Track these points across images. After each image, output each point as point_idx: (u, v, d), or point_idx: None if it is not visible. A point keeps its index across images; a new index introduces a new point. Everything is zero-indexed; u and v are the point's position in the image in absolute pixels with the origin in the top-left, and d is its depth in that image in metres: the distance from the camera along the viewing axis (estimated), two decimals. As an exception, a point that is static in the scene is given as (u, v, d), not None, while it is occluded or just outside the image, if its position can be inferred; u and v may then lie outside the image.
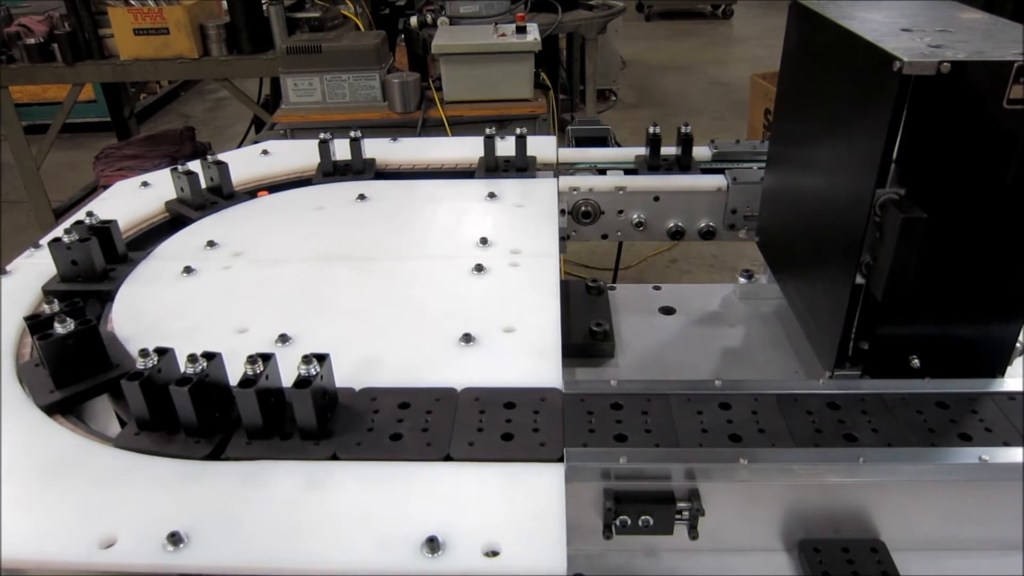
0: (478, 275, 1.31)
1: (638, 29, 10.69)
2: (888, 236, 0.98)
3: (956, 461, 0.94)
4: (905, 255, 0.97)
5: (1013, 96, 0.94)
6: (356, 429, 0.95)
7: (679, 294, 1.59)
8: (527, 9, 4.46)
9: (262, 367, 0.93)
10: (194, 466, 0.91)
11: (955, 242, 1.04)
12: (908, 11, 1.20)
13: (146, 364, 0.94)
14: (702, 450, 0.96)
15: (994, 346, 1.12)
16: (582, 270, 4.18)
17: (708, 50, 9.74)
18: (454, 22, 4.05)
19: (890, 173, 1.01)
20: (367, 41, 3.46)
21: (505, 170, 1.70)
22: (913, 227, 0.95)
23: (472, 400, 1.01)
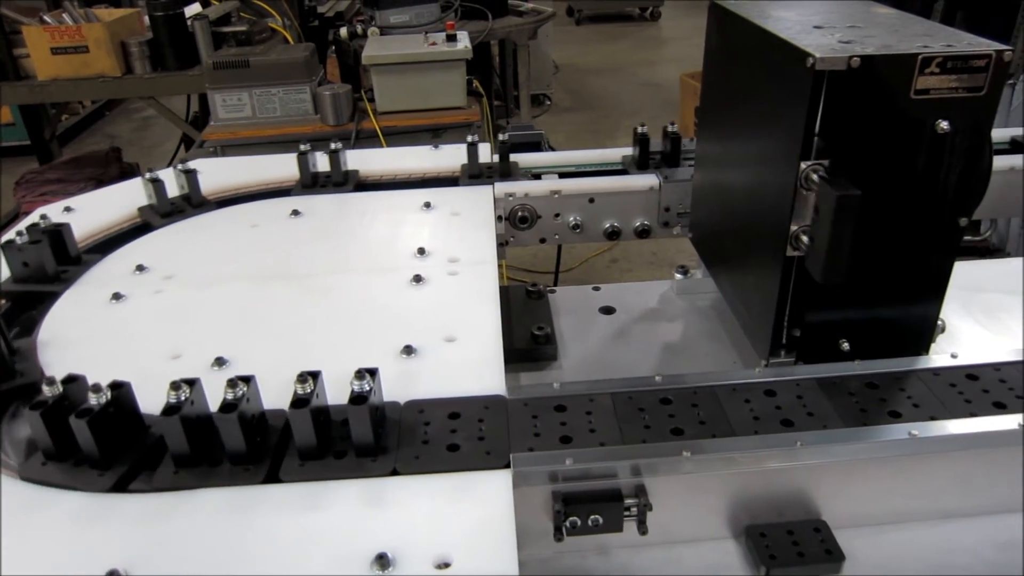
0: (417, 286, 1.30)
1: (569, 33, 10.80)
2: (823, 215, 1.00)
3: (887, 438, 0.98)
4: (841, 232, 0.98)
5: (919, 87, 0.98)
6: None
7: (618, 293, 1.61)
8: (457, 17, 4.47)
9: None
10: (100, 499, 0.89)
11: (875, 227, 1.08)
12: (820, 9, 1.25)
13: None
14: (646, 446, 0.97)
15: (917, 325, 1.17)
16: (525, 274, 4.20)
17: (638, 52, 9.90)
18: (384, 32, 4.04)
19: (814, 147, 1.04)
20: (296, 54, 3.42)
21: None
22: (847, 203, 0.97)
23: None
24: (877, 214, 1.06)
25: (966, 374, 1.08)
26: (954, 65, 0.97)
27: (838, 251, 0.99)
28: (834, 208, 0.96)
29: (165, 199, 1.61)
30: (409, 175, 1.80)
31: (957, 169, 1.04)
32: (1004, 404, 1.03)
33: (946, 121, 1.00)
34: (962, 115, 1.00)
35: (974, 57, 0.97)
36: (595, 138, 6.59)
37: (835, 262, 1.00)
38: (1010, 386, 1.06)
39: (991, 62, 0.98)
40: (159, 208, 1.61)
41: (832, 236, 0.98)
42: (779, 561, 0.96)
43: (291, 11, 4.27)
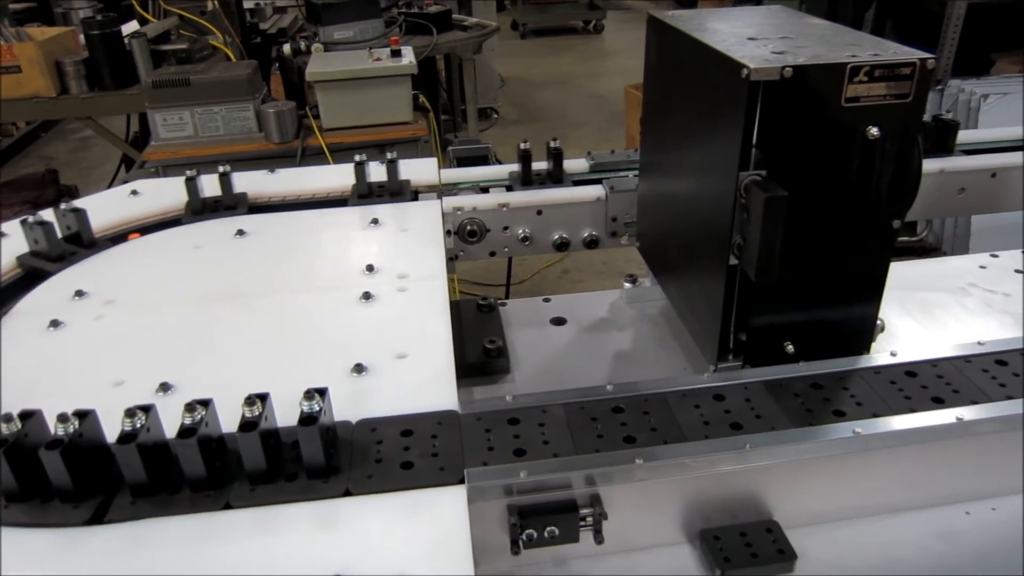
0: (366, 303, 1.29)
1: (514, 47, 10.87)
2: (754, 216, 1.03)
3: (833, 437, 1.00)
4: (771, 231, 1.01)
5: (849, 95, 1.01)
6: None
7: (569, 304, 1.62)
8: (402, 32, 4.47)
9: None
10: (74, 533, 0.86)
11: (813, 230, 1.11)
12: (753, 21, 1.28)
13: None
14: (599, 455, 0.98)
15: (857, 326, 1.20)
16: (476, 288, 4.20)
17: (583, 64, 10.01)
18: (328, 48, 4.01)
19: (752, 158, 1.07)
20: (238, 71, 3.37)
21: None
22: (775, 204, 1.00)
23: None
24: (814, 219, 1.09)
25: (905, 371, 1.12)
26: (881, 73, 1.01)
27: (770, 250, 1.02)
28: (763, 208, 0.99)
29: (89, 229, 1.55)
30: (312, 195, 1.77)
31: (888, 173, 1.08)
32: (942, 399, 1.06)
33: (876, 127, 1.03)
34: (891, 121, 1.04)
35: (899, 65, 1.01)
36: (543, 150, 6.61)
37: (768, 261, 1.03)
38: (947, 381, 1.10)
39: (915, 70, 1.01)
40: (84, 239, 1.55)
41: (763, 235, 1.01)
42: (733, 563, 0.98)
43: (232, 28, 4.21)
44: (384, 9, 4.70)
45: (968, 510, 1.09)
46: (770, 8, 1.42)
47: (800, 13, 1.37)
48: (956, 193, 1.86)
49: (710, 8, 1.42)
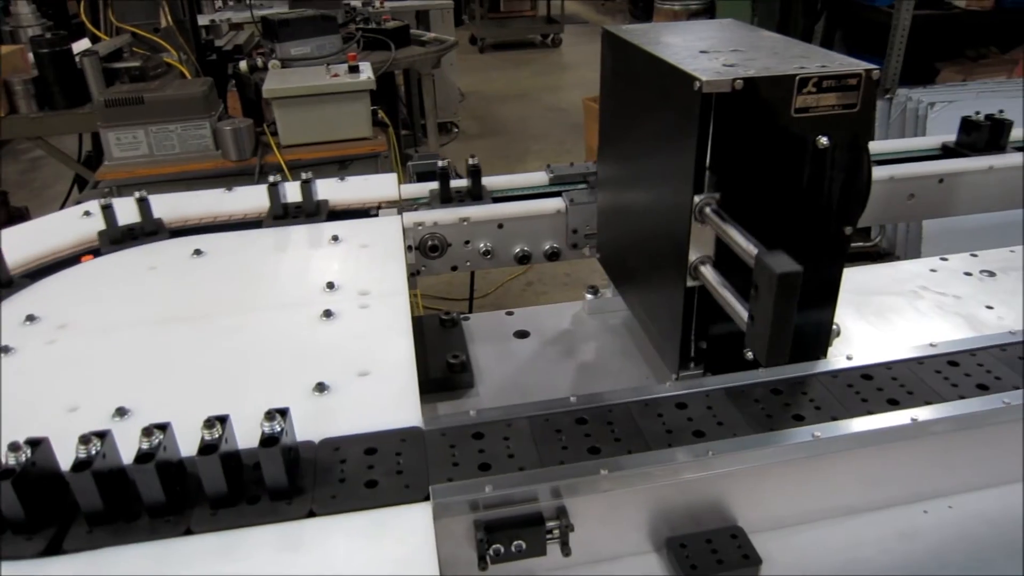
0: (327, 321, 1.28)
1: (473, 61, 10.93)
2: (763, 295, 0.92)
3: (793, 441, 1.01)
4: (784, 311, 0.90)
5: (799, 105, 1.04)
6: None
7: (531, 317, 1.63)
8: (359, 48, 4.46)
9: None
10: (29, 566, 0.83)
11: (767, 238, 1.12)
12: (705, 34, 1.30)
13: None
14: (564, 467, 0.98)
15: (814, 331, 1.23)
16: (440, 303, 4.19)
17: (542, 77, 10.09)
18: (286, 65, 3.99)
19: (706, 180, 1.09)
20: (193, 89, 3.33)
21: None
22: (790, 282, 0.89)
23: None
24: (768, 227, 1.11)
25: (861, 374, 1.14)
26: (829, 84, 1.03)
27: (783, 331, 0.91)
28: (776, 287, 0.89)
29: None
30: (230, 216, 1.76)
31: (839, 181, 1.10)
32: (897, 401, 1.08)
33: (825, 136, 1.06)
34: (840, 130, 1.06)
35: (846, 76, 1.03)
36: (505, 163, 6.66)
37: (780, 343, 0.92)
38: (901, 383, 1.12)
39: (862, 80, 1.04)
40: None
41: (775, 316, 0.90)
42: (700, 570, 0.98)
43: (187, 45, 4.16)
44: (341, 25, 4.70)
45: (926, 509, 1.12)
46: (721, 22, 1.45)
47: (751, 27, 1.40)
48: (906, 199, 1.91)
49: (664, 22, 1.45)
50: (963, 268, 1.78)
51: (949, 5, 5.17)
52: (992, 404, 1.07)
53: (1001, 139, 1.97)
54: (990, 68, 5.55)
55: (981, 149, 1.97)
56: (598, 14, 14.80)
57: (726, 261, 1.11)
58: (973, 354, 1.18)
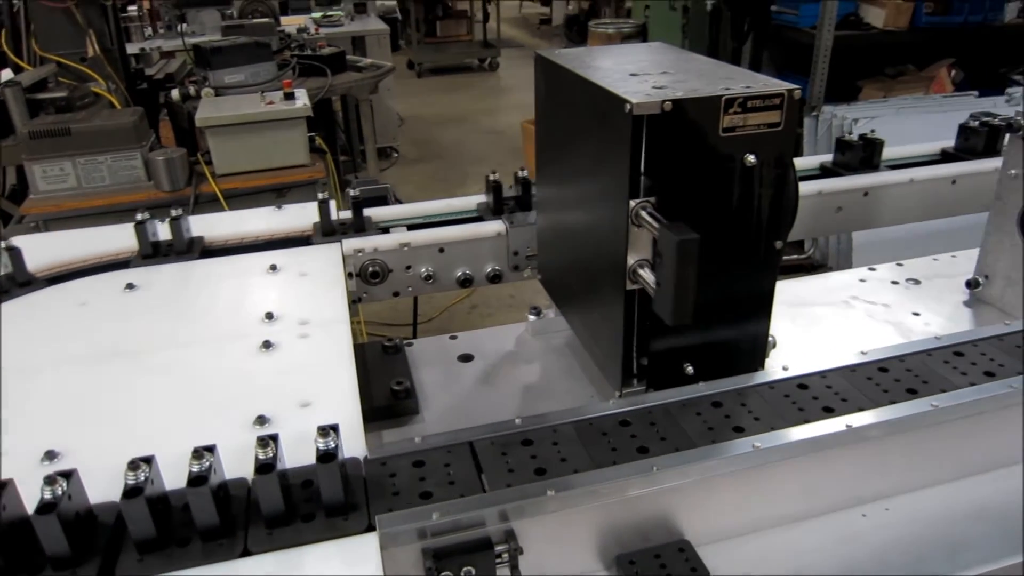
0: (266, 352, 1.26)
1: (411, 86, 10.95)
2: (667, 260, 1.02)
3: (734, 453, 1.03)
4: (684, 275, 1.00)
5: (726, 125, 1.07)
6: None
7: (475, 340, 1.62)
8: (295, 75, 4.43)
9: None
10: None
11: (703, 254, 1.15)
12: (635, 57, 1.33)
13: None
14: (511, 489, 0.98)
15: (751, 343, 1.25)
16: (385, 329, 4.15)
17: (480, 101, 10.17)
18: (219, 93, 3.93)
19: (641, 185, 1.11)
20: (123, 119, 3.25)
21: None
22: (688, 247, 0.99)
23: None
24: (703, 244, 1.14)
25: (797, 384, 1.17)
26: (753, 104, 1.07)
27: (684, 293, 1.01)
28: (676, 253, 0.99)
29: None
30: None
31: (768, 197, 1.14)
32: (832, 408, 1.11)
33: (752, 155, 1.09)
34: (766, 148, 1.10)
35: (769, 96, 1.07)
36: (445, 187, 6.67)
37: (682, 303, 1.02)
38: (836, 391, 1.15)
39: (784, 100, 1.08)
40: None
41: (677, 280, 1.00)
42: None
43: (116, 74, 4.07)
44: (276, 52, 4.66)
45: (864, 512, 1.14)
46: (651, 45, 1.49)
47: (679, 49, 1.44)
48: (834, 212, 1.98)
49: (595, 46, 1.48)
50: (890, 277, 1.84)
51: (868, 26, 5.41)
52: (922, 407, 1.11)
53: (874, 158, 2.06)
54: (908, 84, 5.81)
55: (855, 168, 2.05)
56: (534, 37, 15.02)
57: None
58: (902, 360, 1.22)
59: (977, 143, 2.10)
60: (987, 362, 1.21)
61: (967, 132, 2.15)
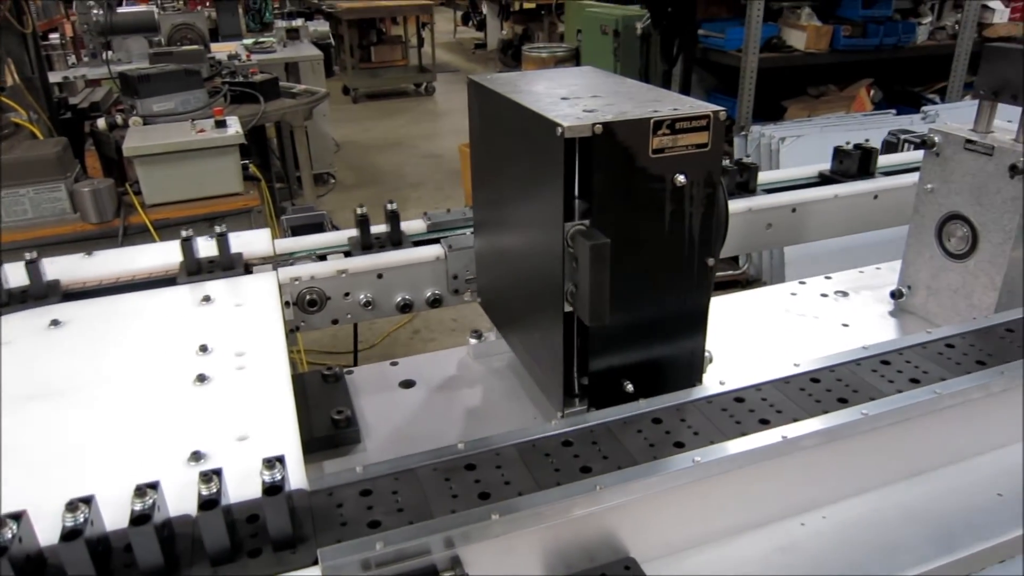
0: (201, 385, 1.23)
1: (347, 112, 10.89)
2: (582, 264, 1.07)
3: (675, 469, 1.04)
4: (598, 277, 1.06)
5: (655, 147, 1.09)
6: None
7: (417, 365, 1.61)
8: (227, 102, 4.37)
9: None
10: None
11: (637, 274, 1.17)
12: (566, 81, 1.36)
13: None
14: (455, 515, 0.97)
15: (688, 359, 1.28)
16: (326, 357, 4.09)
17: (417, 125, 10.18)
18: (148, 121, 3.84)
19: (576, 208, 1.13)
20: (45, 150, 3.15)
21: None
22: (600, 251, 1.04)
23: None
24: (637, 263, 1.16)
25: (734, 398, 1.20)
26: (681, 126, 1.10)
27: (600, 295, 1.06)
28: (589, 256, 1.04)
29: None
30: (132, 277, 1.68)
31: (698, 216, 1.17)
32: (768, 420, 1.14)
33: (682, 175, 1.12)
34: (695, 168, 1.13)
35: (695, 118, 1.10)
36: (384, 212, 6.61)
37: (598, 305, 1.07)
38: (770, 403, 1.18)
39: (710, 121, 1.11)
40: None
41: (592, 281, 1.05)
42: (596, 605, 0.99)
43: (38, 104, 3.95)
44: (207, 79, 4.59)
45: (803, 521, 1.17)
46: (581, 69, 1.51)
47: (609, 73, 1.47)
48: (764, 228, 2.04)
49: (527, 71, 1.51)
50: (820, 290, 1.91)
51: (790, 48, 5.61)
52: (852, 416, 1.14)
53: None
54: (831, 104, 6.05)
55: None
56: (469, 62, 15.14)
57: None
58: (832, 370, 1.26)
59: (851, 166, 2.18)
60: (912, 369, 1.26)
61: (841, 155, 2.22)
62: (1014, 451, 1.31)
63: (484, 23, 16.00)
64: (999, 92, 1.54)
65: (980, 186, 1.55)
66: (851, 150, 2.18)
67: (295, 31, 7.41)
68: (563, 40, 9.91)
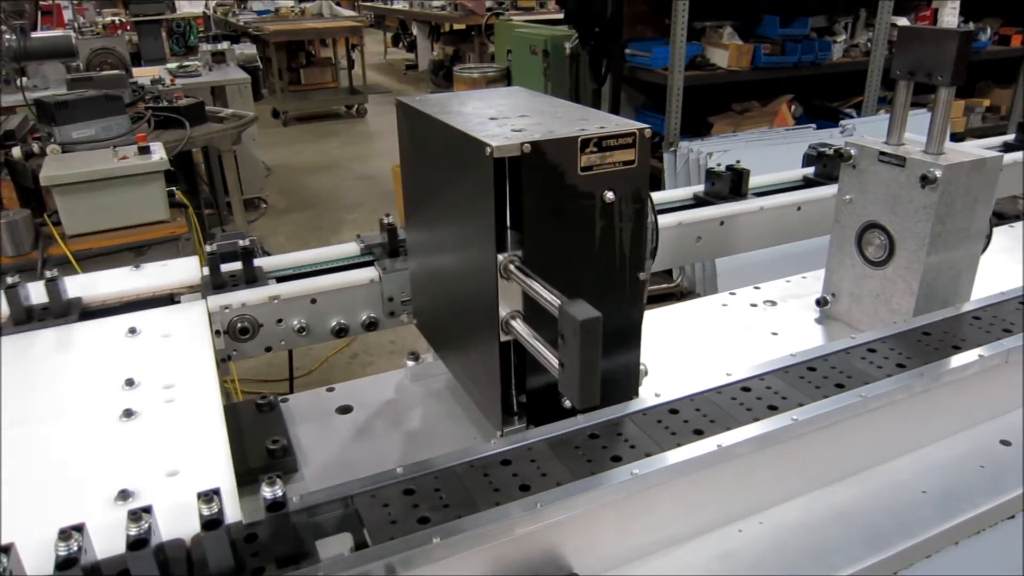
0: (128, 421, 1.18)
1: (277, 135, 10.75)
2: (570, 341, 0.97)
3: (614, 482, 1.05)
4: (589, 355, 0.95)
5: (583, 164, 1.11)
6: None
7: (353, 390, 1.59)
8: (151, 128, 4.26)
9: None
10: None
11: (571, 289, 1.18)
12: (494, 102, 1.37)
13: None
14: (395, 542, 0.95)
15: (623, 373, 1.29)
16: (262, 386, 4.00)
17: (349, 147, 10.10)
18: (67, 149, 3.72)
19: (508, 239, 1.13)
20: (-44, 182, 3.02)
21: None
22: (591, 326, 0.94)
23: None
24: (570, 279, 1.17)
25: (669, 409, 1.21)
26: (608, 144, 1.12)
27: (591, 373, 0.96)
28: (580, 333, 0.94)
29: None
30: (117, 299, 1.64)
31: (628, 231, 1.19)
32: (702, 430, 1.16)
33: (611, 191, 1.14)
34: (623, 185, 1.15)
35: (622, 135, 1.12)
36: (319, 236, 6.54)
37: (589, 385, 0.97)
38: (704, 413, 1.20)
39: (636, 139, 1.14)
40: None
41: (583, 360, 0.95)
42: (541, 624, 0.99)
43: (-54, 135, 3.78)
44: (129, 105, 4.47)
45: (740, 528, 1.19)
46: (509, 89, 1.53)
47: (537, 93, 1.49)
48: (694, 242, 2.09)
49: (456, 92, 1.52)
50: (749, 300, 1.96)
51: (714, 66, 5.78)
52: (784, 422, 1.17)
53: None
54: (754, 119, 6.24)
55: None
56: (401, 83, 15.14)
57: (535, 314, 1.16)
58: (762, 379, 1.29)
59: (723, 188, 2.25)
60: (837, 375, 1.30)
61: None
62: (936, 449, 1.36)
63: (415, 44, 16.04)
64: (914, 72, 1.59)
65: (894, 196, 1.62)
66: (723, 172, 2.22)
67: (221, 54, 7.30)
68: (494, 60, 10.00)
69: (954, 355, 1.36)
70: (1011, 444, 1.38)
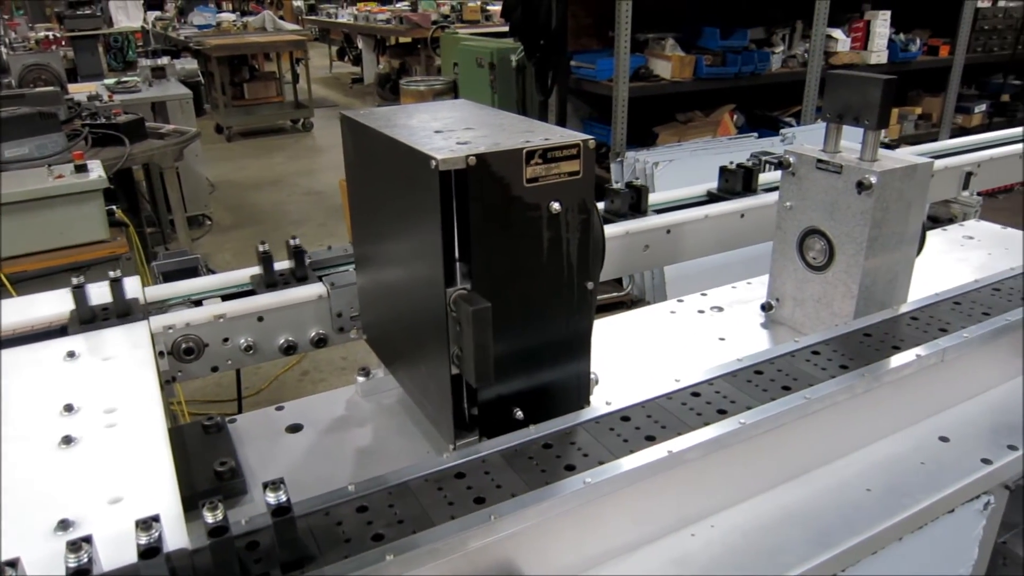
0: (67, 448, 1.14)
1: (221, 151, 10.56)
2: (465, 329, 1.09)
3: (567, 491, 1.06)
4: (482, 340, 1.08)
5: (529, 176, 1.12)
6: None
7: (303, 408, 1.56)
8: (88, 145, 4.16)
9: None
10: None
11: (519, 301, 1.19)
12: (439, 115, 1.37)
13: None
14: (349, 560, 0.94)
15: (575, 383, 1.30)
16: (210, 407, 3.90)
17: (295, 162, 9.98)
18: (0, 169, 3.59)
19: (456, 272, 1.14)
20: None
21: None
22: (482, 316, 1.07)
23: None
24: (518, 290, 1.18)
25: (620, 417, 1.23)
26: (553, 155, 1.13)
27: (484, 357, 1.09)
28: (472, 321, 1.06)
29: None
30: (49, 323, 1.58)
31: (575, 241, 1.20)
32: (654, 436, 1.17)
33: (557, 202, 1.15)
34: (568, 195, 1.16)
35: (566, 147, 1.13)
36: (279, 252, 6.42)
37: (483, 366, 1.10)
38: (655, 419, 1.22)
39: (580, 150, 1.15)
40: None
41: (476, 345, 1.07)
42: (498, 638, 0.98)
43: None
44: (65, 122, 4.35)
45: (693, 532, 1.21)
46: (454, 102, 1.53)
47: (482, 105, 1.49)
48: (642, 250, 2.11)
49: (400, 105, 1.52)
50: (697, 307, 1.99)
51: (657, 77, 5.88)
52: (732, 426, 1.19)
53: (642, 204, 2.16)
54: (698, 129, 6.36)
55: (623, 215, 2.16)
56: (347, 97, 15.03)
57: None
58: (711, 383, 1.32)
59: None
60: (783, 377, 1.33)
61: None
62: (879, 447, 1.40)
63: (360, 58, 15.95)
64: (843, 115, 1.67)
65: (832, 202, 1.67)
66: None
67: (161, 69, 7.15)
68: (440, 73, 10.01)
69: (894, 355, 1.40)
70: (949, 440, 1.43)
